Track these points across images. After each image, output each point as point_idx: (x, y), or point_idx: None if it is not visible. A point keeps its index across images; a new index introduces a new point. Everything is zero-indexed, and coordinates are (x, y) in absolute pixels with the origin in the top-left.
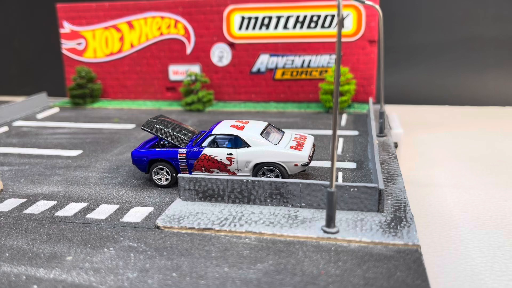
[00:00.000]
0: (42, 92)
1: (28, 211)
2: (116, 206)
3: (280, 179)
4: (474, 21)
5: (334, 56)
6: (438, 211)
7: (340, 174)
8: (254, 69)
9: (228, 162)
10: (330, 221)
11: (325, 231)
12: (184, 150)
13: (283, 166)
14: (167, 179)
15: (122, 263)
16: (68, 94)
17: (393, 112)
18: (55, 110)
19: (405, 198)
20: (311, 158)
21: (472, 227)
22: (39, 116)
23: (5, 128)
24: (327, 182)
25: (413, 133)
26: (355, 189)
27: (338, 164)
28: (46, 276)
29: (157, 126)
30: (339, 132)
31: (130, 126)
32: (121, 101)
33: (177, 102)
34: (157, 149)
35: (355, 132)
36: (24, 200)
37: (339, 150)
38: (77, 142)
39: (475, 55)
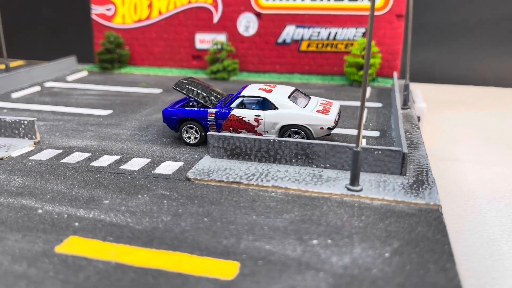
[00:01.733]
0: (71, 56)
1: (64, 160)
2: (147, 160)
3: (306, 140)
4: (505, 2)
5: (360, 29)
6: (458, 184)
7: (364, 141)
8: (280, 40)
9: (255, 123)
10: (354, 180)
11: (349, 189)
12: (213, 110)
13: (309, 129)
14: (196, 137)
15: (156, 208)
16: (96, 59)
17: (417, 88)
18: (84, 73)
19: (427, 164)
20: (336, 122)
21: (491, 199)
22: (69, 78)
23: (37, 88)
24: (352, 144)
25: (437, 110)
26: (380, 152)
27: (362, 132)
28: (86, 216)
29: (188, 86)
30: None
31: (158, 90)
32: (147, 67)
33: (202, 70)
34: (187, 109)
35: (379, 104)
36: (61, 151)
37: (363, 120)
38: (106, 103)
39: (503, 36)
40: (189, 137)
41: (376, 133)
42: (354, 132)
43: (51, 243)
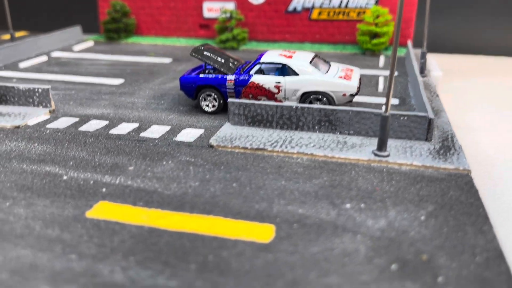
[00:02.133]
0: (76, 25)
1: (82, 128)
2: (167, 127)
3: (330, 106)
4: None
5: None
6: (473, 152)
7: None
8: (290, 8)
9: (275, 90)
10: (382, 145)
11: (376, 154)
12: (232, 77)
13: (331, 96)
14: (214, 105)
15: (183, 174)
16: (101, 28)
17: (431, 58)
18: (90, 43)
19: (451, 131)
20: (358, 89)
21: (510, 166)
22: (75, 48)
23: (44, 58)
24: (378, 110)
25: (450, 79)
26: (405, 117)
27: (381, 100)
28: (112, 182)
29: (206, 53)
30: (378, 72)
31: (167, 60)
32: (154, 37)
33: (210, 39)
34: (204, 76)
35: (395, 73)
36: (77, 119)
37: (380, 88)
38: (117, 72)
39: None
40: (207, 105)
41: (395, 101)
42: (371, 99)
43: (81, 208)
